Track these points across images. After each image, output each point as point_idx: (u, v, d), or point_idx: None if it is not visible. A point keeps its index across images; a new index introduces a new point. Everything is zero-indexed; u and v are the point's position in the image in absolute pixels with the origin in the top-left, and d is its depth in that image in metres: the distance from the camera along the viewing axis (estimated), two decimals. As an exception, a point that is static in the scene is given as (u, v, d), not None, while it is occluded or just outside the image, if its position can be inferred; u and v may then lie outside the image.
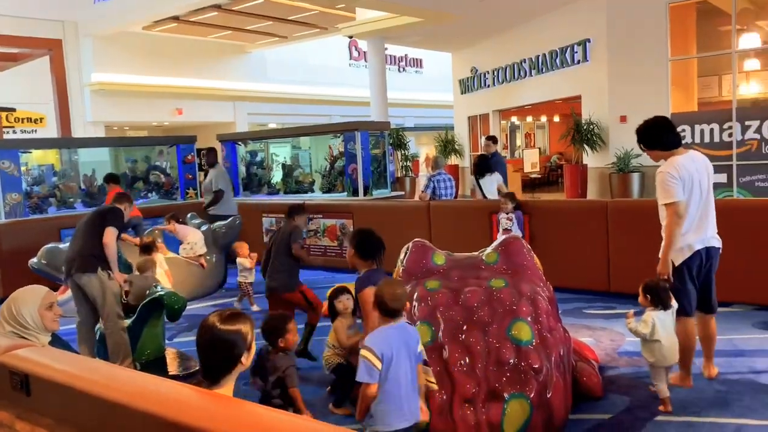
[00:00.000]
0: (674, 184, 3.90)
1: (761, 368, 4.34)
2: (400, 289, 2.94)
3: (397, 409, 2.79)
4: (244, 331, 2.07)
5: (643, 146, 4.26)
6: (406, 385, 2.80)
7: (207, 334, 2.05)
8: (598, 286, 6.24)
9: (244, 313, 2.19)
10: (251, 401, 1.87)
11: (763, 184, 10.79)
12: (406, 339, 2.86)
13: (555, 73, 14.11)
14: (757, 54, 13.23)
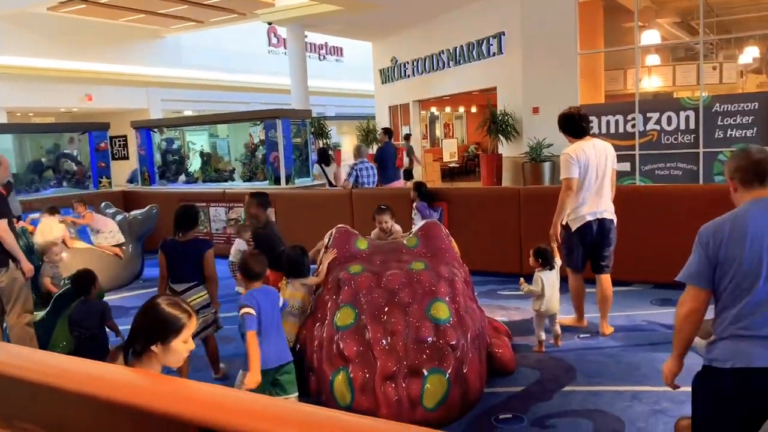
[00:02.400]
0: (571, 163, 4.73)
1: (657, 341, 4.73)
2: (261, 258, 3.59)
3: (269, 351, 3.36)
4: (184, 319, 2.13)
5: (561, 131, 5.02)
6: (275, 333, 3.45)
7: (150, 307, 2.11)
8: (511, 268, 6.54)
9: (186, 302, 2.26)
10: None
11: (662, 172, 11.56)
12: (271, 297, 3.48)
13: (472, 65, 14.50)
14: (657, 50, 14.12)
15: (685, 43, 15.57)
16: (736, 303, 2.27)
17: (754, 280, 2.24)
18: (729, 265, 2.28)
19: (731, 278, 2.28)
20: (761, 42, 14.20)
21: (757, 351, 2.20)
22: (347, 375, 3.55)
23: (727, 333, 2.29)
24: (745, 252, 2.25)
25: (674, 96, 14.09)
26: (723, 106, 11.05)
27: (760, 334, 2.22)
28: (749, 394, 2.19)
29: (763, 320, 2.22)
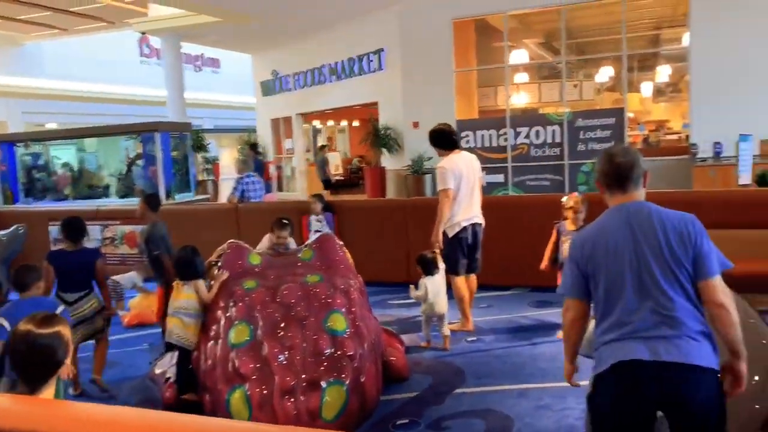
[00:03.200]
0: (447, 175, 5.14)
1: (538, 340, 5.05)
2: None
3: None
4: (62, 333, 2.01)
5: (432, 145, 5.44)
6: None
7: (24, 342, 1.95)
8: (401, 277, 6.70)
9: (57, 315, 2.14)
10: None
11: (533, 183, 12.33)
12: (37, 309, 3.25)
13: (354, 80, 14.74)
14: (525, 68, 15.07)
15: (550, 63, 16.72)
16: (612, 311, 2.29)
17: (621, 289, 2.27)
18: (597, 278, 2.32)
19: (603, 289, 2.31)
20: (615, 62, 15.54)
21: (636, 346, 2.20)
22: (244, 392, 3.49)
23: (607, 339, 2.29)
24: (611, 262, 2.29)
25: (540, 112, 15.10)
26: (584, 121, 12.00)
27: (638, 336, 2.22)
28: (633, 388, 2.19)
29: (639, 325, 2.23)
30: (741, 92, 10.77)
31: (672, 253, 2.23)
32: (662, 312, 2.21)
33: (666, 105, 21.71)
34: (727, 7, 10.81)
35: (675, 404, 2.18)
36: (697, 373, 2.16)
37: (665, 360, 2.15)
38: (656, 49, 16.41)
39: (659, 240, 2.25)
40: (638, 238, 2.27)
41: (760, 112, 10.58)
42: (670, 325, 2.19)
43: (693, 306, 2.24)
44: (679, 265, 2.23)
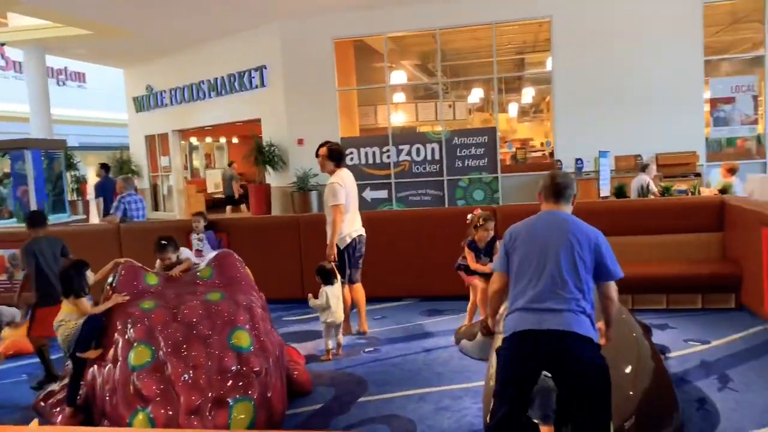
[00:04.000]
0: (339, 190, 5.46)
1: (431, 347, 5.30)
2: None
3: None
4: None
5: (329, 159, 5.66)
6: None
7: None
8: (294, 294, 6.75)
9: None
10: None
11: (415, 198, 12.80)
12: None
13: (234, 96, 14.56)
14: (403, 88, 15.61)
15: (426, 84, 17.43)
16: (520, 283, 2.94)
17: (530, 267, 2.92)
18: (518, 257, 2.98)
19: (517, 265, 2.98)
20: (484, 84, 16.50)
21: (529, 317, 2.84)
22: (147, 415, 3.41)
23: (513, 308, 2.93)
24: (530, 249, 2.95)
25: (418, 130, 15.69)
26: (460, 139, 12.66)
27: (532, 307, 2.85)
28: (525, 350, 2.81)
29: (535, 297, 2.86)
30: (598, 113, 11.88)
31: (577, 251, 2.89)
32: (555, 290, 2.84)
33: (530, 124, 23.31)
34: (584, 34, 11.90)
35: (558, 363, 2.76)
36: (574, 339, 2.76)
37: (549, 328, 2.77)
38: (522, 72, 17.61)
39: (570, 239, 2.92)
40: (554, 233, 2.95)
41: (615, 131, 11.72)
42: (559, 301, 2.82)
43: (581, 293, 2.86)
44: (580, 261, 2.89)
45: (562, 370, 2.77)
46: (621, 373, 3.52)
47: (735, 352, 4.78)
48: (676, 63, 11.58)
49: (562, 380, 2.79)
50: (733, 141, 11.99)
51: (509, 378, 2.86)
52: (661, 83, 11.62)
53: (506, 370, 2.88)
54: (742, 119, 11.57)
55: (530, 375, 2.82)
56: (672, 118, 11.58)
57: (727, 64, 12.52)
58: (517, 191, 12.17)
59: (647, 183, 8.70)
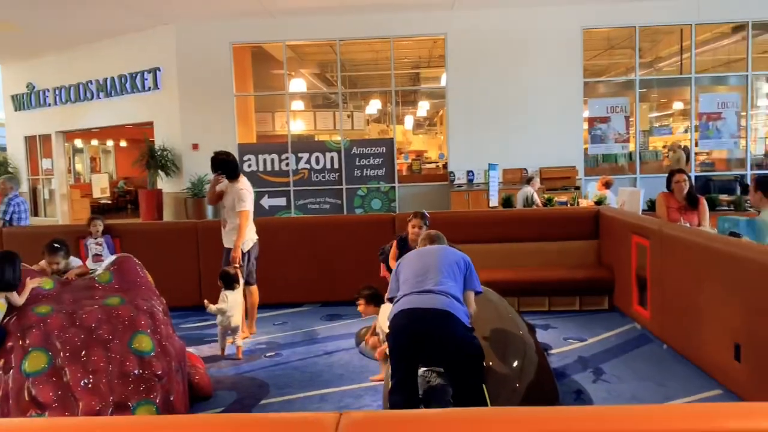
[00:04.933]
0: (249, 197, 5.69)
1: (332, 350, 5.43)
2: None
3: None
4: None
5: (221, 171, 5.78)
6: None
7: None
8: (192, 301, 6.65)
9: None
10: None
11: (314, 206, 12.90)
12: None
13: (125, 98, 14.02)
14: (302, 97, 15.68)
15: (326, 93, 17.57)
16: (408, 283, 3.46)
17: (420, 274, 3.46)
18: (404, 273, 3.57)
19: (404, 277, 3.53)
20: (381, 96, 16.89)
21: (411, 299, 3.31)
22: (42, 423, 3.31)
23: (400, 295, 3.43)
24: (415, 264, 3.57)
25: (316, 138, 15.81)
26: (359, 149, 12.92)
27: (414, 291, 3.36)
28: (406, 326, 3.24)
29: (417, 286, 3.38)
30: (489, 128, 12.54)
31: (452, 261, 3.55)
32: (436, 281, 3.37)
33: (424, 137, 24.09)
34: (476, 53, 12.53)
35: (433, 336, 3.19)
36: (448, 318, 3.19)
37: (427, 307, 3.22)
38: (418, 86, 18.18)
39: (446, 253, 3.65)
40: (436, 251, 3.69)
41: (504, 145, 12.42)
42: (438, 287, 3.33)
43: (457, 288, 3.42)
44: (455, 268, 3.50)
45: (441, 344, 3.20)
46: (509, 367, 3.83)
47: (608, 348, 5.27)
48: (559, 83, 12.46)
49: (441, 355, 3.25)
50: (608, 157, 13.05)
51: (397, 355, 3.26)
52: (546, 102, 12.46)
53: (393, 349, 3.30)
54: (616, 137, 12.63)
55: (414, 350, 3.23)
56: (555, 135, 12.44)
57: (603, 86, 13.61)
58: (414, 200, 12.58)
59: (531, 194, 9.32)
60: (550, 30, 12.43)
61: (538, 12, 12.35)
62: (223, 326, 5.31)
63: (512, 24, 12.43)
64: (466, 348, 3.23)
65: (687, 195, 5.71)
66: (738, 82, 13.00)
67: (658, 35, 13.79)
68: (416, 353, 3.26)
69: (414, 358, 3.28)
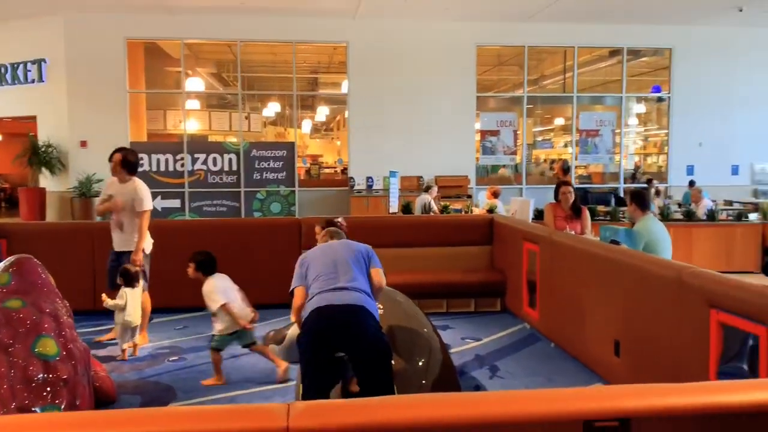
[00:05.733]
0: (149, 195, 5.61)
1: (238, 353, 5.41)
2: None
3: None
4: None
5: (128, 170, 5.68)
6: None
7: None
8: (87, 305, 6.38)
9: None
10: None
11: (210, 209, 12.66)
12: None
13: (5, 90, 13.09)
14: (197, 96, 15.33)
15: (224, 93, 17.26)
16: (317, 283, 3.54)
17: (326, 269, 3.57)
18: (312, 268, 3.63)
19: (314, 273, 3.59)
20: (280, 99, 16.83)
21: (327, 296, 3.41)
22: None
23: (313, 294, 3.51)
24: (323, 260, 3.65)
25: (209, 139, 15.50)
26: (259, 151, 12.84)
27: (329, 288, 3.45)
28: (323, 321, 3.34)
29: (332, 284, 3.48)
30: (388, 136, 12.89)
31: (357, 252, 3.71)
32: (348, 277, 3.51)
33: (320, 141, 24.24)
34: (378, 63, 12.85)
35: (349, 332, 3.34)
36: (361, 312, 3.36)
37: (341, 303, 3.36)
38: (316, 91, 18.29)
39: (350, 247, 3.79)
40: (337, 246, 3.82)
41: (402, 153, 12.80)
42: (350, 283, 3.48)
43: (366, 281, 3.60)
44: (360, 259, 3.68)
45: (353, 337, 3.34)
46: (415, 365, 4.05)
47: (501, 347, 5.66)
48: (454, 96, 13.04)
49: (353, 346, 3.36)
50: (496, 168, 13.79)
51: (312, 354, 3.36)
52: (442, 113, 12.99)
53: (308, 348, 3.39)
54: (505, 150, 13.39)
55: (329, 347, 3.35)
56: (450, 145, 12.99)
57: (494, 100, 14.38)
58: (313, 205, 12.68)
59: (429, 202, 9.71)
60: (446, 44, 12.99)
61: (436, 26, 12.87)
62: (123, 325, 5.24)
63: (412, 36, 12.87)
64: (377, 343, 3.38)
65: (572, 205, 6.24)
66: (613, 102, 14.20)
67: (543, 55, 14.76)
68: (331, 351, 3.37)
69: (328, 355, 3.38)
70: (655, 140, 15.77)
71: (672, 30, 13.37)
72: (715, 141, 13.64)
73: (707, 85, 13.57)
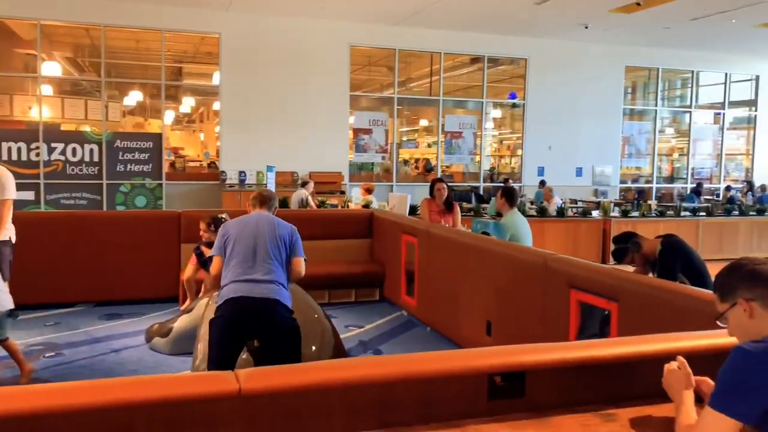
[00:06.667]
0: (10, 183, 5.24)
1: (119, 348, 5.32)
2: None
3: None
4: None
5: None
6: None
7: None
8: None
9: None
10: None
11: (68, 202, 11.92)
12: None
13: None
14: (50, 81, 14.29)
15: (84, 80, 16.19)
16: (235, 263, 3.60)
17: (244, 250, 3.62)
18: (232, 244, 3.68)
19: (232, 249, 3.66)
20: (142, 88, 16.10)
21: (241, 287, 3.51)
22: None
23: (227, 281, 3.59)
24: (243, 237, 3.67)
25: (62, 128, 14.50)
26: (123, 142, 12.29)
27: (244, 279, 3.55)
28: (236, 312, 3.48)
29: (247, 272, 3.56)
30: (262, 131, 12.86)
31: (279, 239, 3.73)
32: (264, 266, 3.59)
33: (181, 134, 23.43)
34: (252, 56, 12.77)
35: (261, 323, 3.51)
36: (274, 304, 3.51)
37: (255, 295, 3.48)
38: (186, 82, 17.71)
39: (274, 231, 3.76)
40: (262, 227, 3.75)
41: (276, 148, 12.82)
42: (266, 276, 3.57)
43: (282, 271, 3.71)
44: (281, 246, 3.72)
45: (266, 327, 3.52)
46: (308, 351, 4.27)
47: (383, 332, 6.01)
48: (329, 93, 13.29)
49: (265, 335, 3.55)
50: (368, 165, 14.23)
51: (224, 339, 3.49)
52: (317, 110, 13.18)
53: (220, 333, 3.50)
54: (377, 148, 13.87)
55: (240, 335, 3.53)
56: (324, 142, 13.22)
57: (366, 100, 14.81)
58: (181, 199, 12.35)
59: (306, 197, 9.89)
60: (321, 42, 13.20)
61: (311, 24, 13.03)
62: None
63: (287, 32, 12.93)
64: (289, 331, 3.58)
65: (445, 201, 6.73)
66: (474, 106, 15.18)
67: (411, 58, 15.41)
68: (242, 339, 3.53)
69: (239, 343, 3.54)
70: (508, 143, 17.06)
71: (527, 42, 14.55)
72: (562, 145, 15.04)
73: (556, 94, 14.92)
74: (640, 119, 16.60)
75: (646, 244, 4.44)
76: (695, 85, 16.70)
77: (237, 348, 3.54)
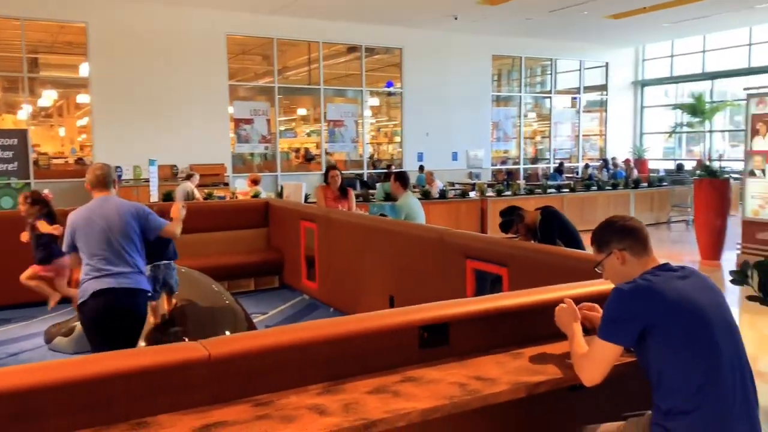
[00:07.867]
0: None
1: (15, 351, 5.13)
2: None
3: None
4: None
5: None
6: None
7: None
8: None
9: None
10: None
11: None
12: None
13: None
14: None
15: None
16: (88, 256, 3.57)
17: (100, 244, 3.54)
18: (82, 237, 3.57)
19: (86, 244, 3.56)
20: (-2, 81, 14.92)
21: (98, 281, 3.49)
22: None
23: (88, 278, 3.54)
24: (91, 228, 3.55)
25: None
26: (-16, 139, 11.39)
27: (96, 274, 3.52)
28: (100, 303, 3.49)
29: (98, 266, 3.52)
30: (138, 124, 12.42)
31: (128, 222, 3.60)
32: (122, 261, 3.56)
33: (37, 129, 21.81)
34: (123, 46, 12.26)
35: (118, 309, 3.52)
36: (131, 292, 3.56)
37: (113, 286, 3.50)
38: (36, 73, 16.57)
39: (123, 221, 3.59)
40: (109, 213, 3.58)
41: (152, 141, 12.44)
42: (119, 264, 3.55)
43: (140, 257, 3.67)
44: (132, 230, 3.61)
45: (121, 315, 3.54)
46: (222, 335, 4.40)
47: (287, 317, 6.20)
48: (206, 84, 13.07)
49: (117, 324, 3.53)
50: (252, 156, 14.17)
51: (94, 334, 3.59)
52: (194, 100, 12.93)
53: (90, 329, 3.61)
54: (260, 138, 13.84)
55: (104, 327, 3.54)
56: (203, 133, 13.01)
57: (244, 89, 14.68)
58: (56, 198, 11.64)
59: (192, 190, 9.75)
60: (197, 31, 12.94)
61: (184, 12, 12.73)
62: None
63: (159, 21, 12.56)
64: (142, 319, 3.71)
65: (340, 187, 7.00)
66: (354, 95, 15.54)
67: (285, 47, 15.45)
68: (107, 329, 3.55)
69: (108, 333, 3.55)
70: (386, 130, 17.62)
71: (401, 31, 15.09)
72: (438, 131, 15.80)
73: (430, 82, 15.63)
74: (506, 105, 17.78)
75: (528, 215, 4.99)
76: (554, 72, 18.13)
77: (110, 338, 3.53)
